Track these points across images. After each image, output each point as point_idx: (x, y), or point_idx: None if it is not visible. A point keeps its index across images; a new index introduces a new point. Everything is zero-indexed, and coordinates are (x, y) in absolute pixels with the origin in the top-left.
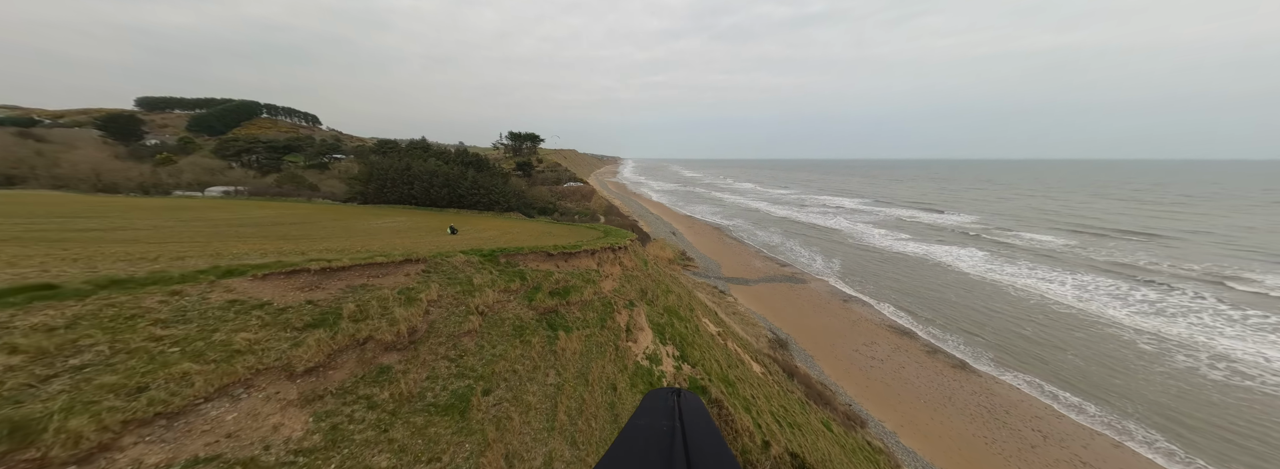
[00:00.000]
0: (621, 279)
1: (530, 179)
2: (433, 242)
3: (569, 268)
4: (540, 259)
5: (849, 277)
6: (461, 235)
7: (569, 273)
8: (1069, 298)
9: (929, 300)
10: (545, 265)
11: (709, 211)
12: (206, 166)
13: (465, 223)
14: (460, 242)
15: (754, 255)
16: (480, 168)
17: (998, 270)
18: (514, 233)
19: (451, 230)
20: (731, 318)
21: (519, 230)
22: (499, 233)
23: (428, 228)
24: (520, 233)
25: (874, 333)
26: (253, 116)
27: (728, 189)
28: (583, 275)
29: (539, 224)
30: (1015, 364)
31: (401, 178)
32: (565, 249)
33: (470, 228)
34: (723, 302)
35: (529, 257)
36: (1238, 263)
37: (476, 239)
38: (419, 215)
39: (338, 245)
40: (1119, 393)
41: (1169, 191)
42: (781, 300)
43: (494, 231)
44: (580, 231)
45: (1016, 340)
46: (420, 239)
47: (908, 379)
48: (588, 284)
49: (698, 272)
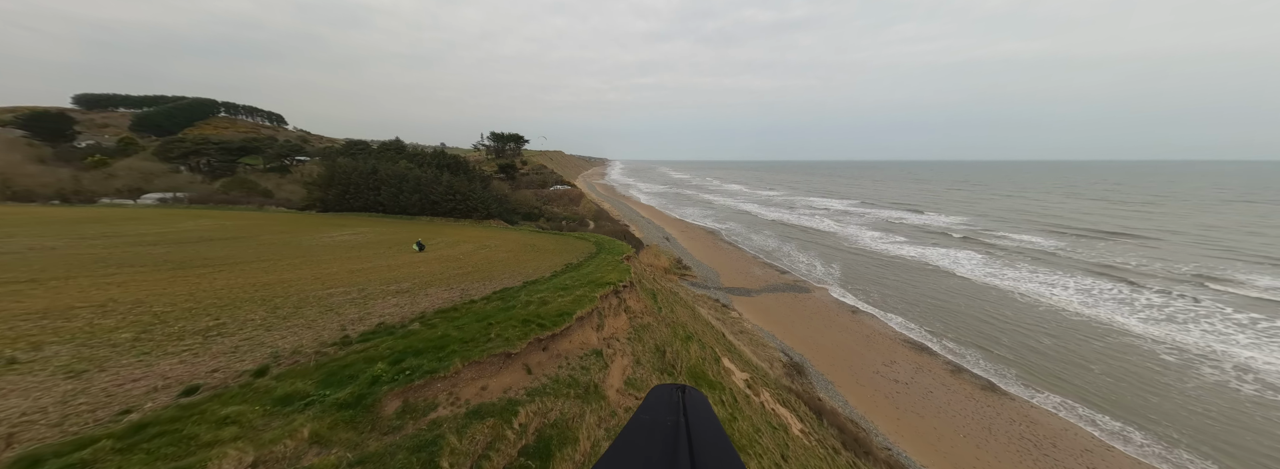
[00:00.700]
0: (631, 336)
1: (514, 182)
2: (390, 264)
3: (553, 369)
4: (495, 368)
5: (851, 284)
6: (429, 254)
7: (553, 384)
8: (1075, 304)
9: (937, 310)
10: (503, 380)
11: (700, 215)
12: (146, 171)
13: (438, 234)
14: (427, 262)
15: (752, 262)
16: (458, 171)
17: (998, 275)
18: (491, 247)
19: (418, 247)
20: (740, 338)
21: (497, 243)
22: (475, 246)
23: (392, 243)
24: (498, 247)
25: (891, 350)
26: (208, 115)
27: (716, 191)
28: (577, 380)
29: (522, 234)
30: (1043, 383)
31: (366, 182)
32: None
33: (442, 241)
34: (728, 318)
35: (466, 378)
36: (1221, 263)
37: (447, 256)
38: (385, 225)
39: (260, 277)
40: (1158, 415)
41: (1133, 191)
42: (788, 313)
43: (470, 245)
44: (568, 244)
45: (1036, 354)
46: (377, 259)
47: (939, 407)
48: (588, 404)
49: (696, 282)
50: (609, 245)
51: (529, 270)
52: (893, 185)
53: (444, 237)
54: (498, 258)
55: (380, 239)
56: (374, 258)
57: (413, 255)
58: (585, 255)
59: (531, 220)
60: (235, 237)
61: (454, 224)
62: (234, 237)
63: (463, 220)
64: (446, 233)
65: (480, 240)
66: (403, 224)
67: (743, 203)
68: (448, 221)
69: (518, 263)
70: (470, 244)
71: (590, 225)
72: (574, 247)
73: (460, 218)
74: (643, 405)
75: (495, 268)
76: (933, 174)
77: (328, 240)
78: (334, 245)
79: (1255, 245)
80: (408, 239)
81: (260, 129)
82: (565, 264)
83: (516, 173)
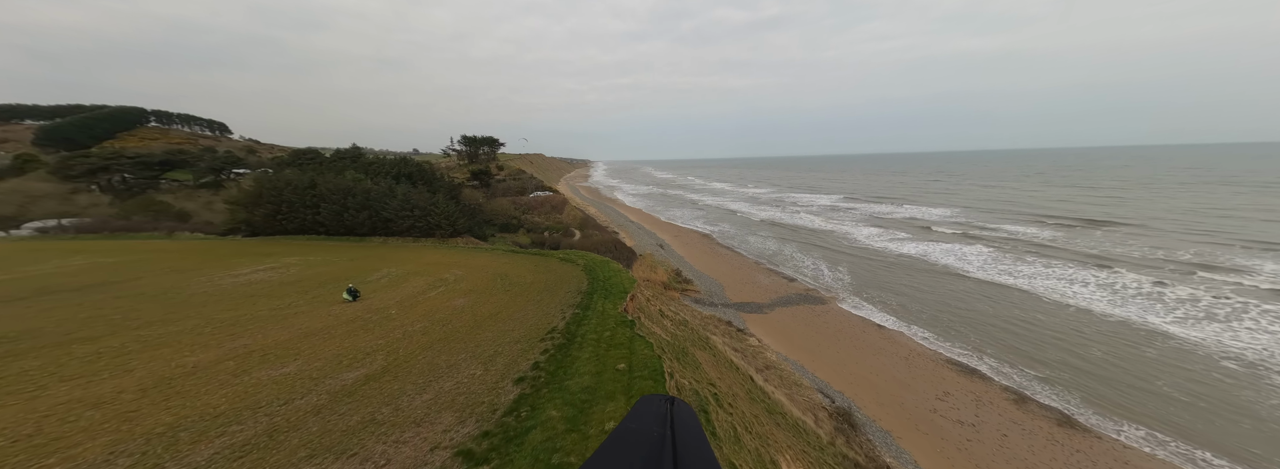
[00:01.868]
0: None
1: (489, 190)
2: (291, 334)
3: None
4: None
5: (865, 291)
6: (362, 304)
7: None
8: (1104, 304)
9: (966, 319)
10: None
11: (690, 216)
12: (34, 192)
13: (388, 262)
14: (344, 328)
15: (754, 269)
16: (421, 180)
17: (1011, 272)
18: (451, 282)
19: (350, 295)
20: (769, 377)
21: (460, 275)
22: (428, 283)
23: (321, 280)
24: (460, 283)
25: (937, 376)
26: (135, 126)
27: (702, 190)
28: None
29: (495, 255)
30: (1117, 409)
31: (302, 199)
32: None
33: (389, 274)
34: (747, 348)
35: None
36: (1215, 249)
37: (382, 307)
38: (322, 252)
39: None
40: (1264, 445)
41: (1095, 177)
42: (810, 333)
43: (422, 281)
44: (550, 269)
45: (1093, 371)
46: (286, 317)
47: (1023, 459)
48: None
49: (700, 298)
50: (601, 272)
51: (500, 336)
52: (872, 179)
53: (395, 265)
54: (452, 311)
55: (306, 276)
56: (288, 312)
57: (339, 308)
58: (575, 294)
59: (510, 232)
60: (103, 282)
61: (412, 245)
62: (101, 282)
63: (424, 240)
64: (399, 260)
65: (438, 271)
66: (347, 249)
67: (731, 202)
68: (405, 243)
69: (481, 320)
70: (423, 279)
71: (576, 235)
72: (559, 274)
73: (422, 237)
74: (630, 415)
75: (447, 335)
76: (906, 166)
77: (231, 282)
78: (234, 292)
79: (1232, 227)
80: (343, 274)
81: (198, 140)
82: (549, 328)
83: (492, 179)
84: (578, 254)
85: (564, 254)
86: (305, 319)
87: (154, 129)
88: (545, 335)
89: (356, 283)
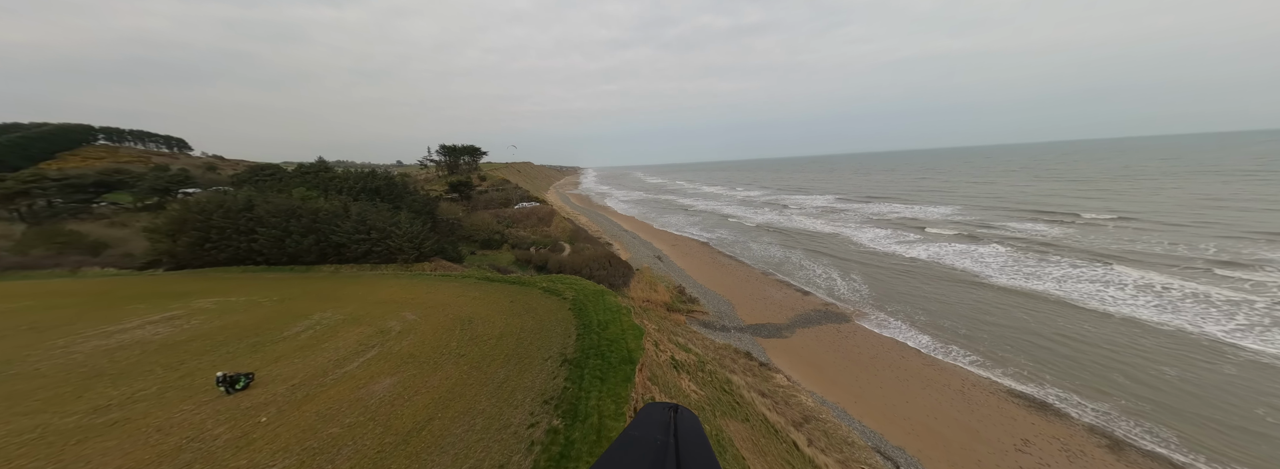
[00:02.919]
0: None
1: (469, 203)
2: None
3: None
4: None
5: (888, 304)
6: (245, 395)
7: None
8: (1150, 311)
9: (1006, 336)
10: None
11: (686, 223)
12: None
13: (330, 298)
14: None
15: (763, 281)
16: (388, 195)
17: (1036, 274)
18: (396, 335)
19: (224, 386)
20: (812, 433)
21: (410, 323)
22: (365, 336)
23: (217, 341)
24: (407, 335)
25: (1006, 416)
26: (80, 144)
27: (695, 194)
28: None
29: (465, 285)
30: (1223, 451)
31: (234, 224)
32: None
33: (319, 322)
34: (775, 390)
35: None
36: (1232, 243)
37: (277, 392)
38: (250, 291)
39: None
40: None
41: (1080, 170)
42: (842, 361)
43: (352, 338)
44: (530, 306)
45: (1176, 399)
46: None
47: None
48: None
49: (709, 320)
50: (595, 312)
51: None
52: (862, 177)
53: (334, 306)
54: (363, 411)
55: (208, 330)
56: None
57: (199, 406)
58: (558, 362)
59: (493, 248)
60: None
61: (367, 275)
62: None
63: (385, 267)
64: (342, 298)
65: (384, 315)
66: (284, 283)
67: (726, 206)
68: (360, 271)
69: (401, 437)
70: (357, 332)
71: (566, 250)
72: (540, 317)
73: (383, 263)
74: (633, 422)
75: None
76: (892, 164)
77: (94, 346)
78: (85, 365)
79: (1237, 219)
80: (260, 323)
81: (151, 157)
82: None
83: (473, 191)
84: (566, 282)
85: (550, 281)
86: (127, 436)
87: (102, 147)
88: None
89: (271, 337)
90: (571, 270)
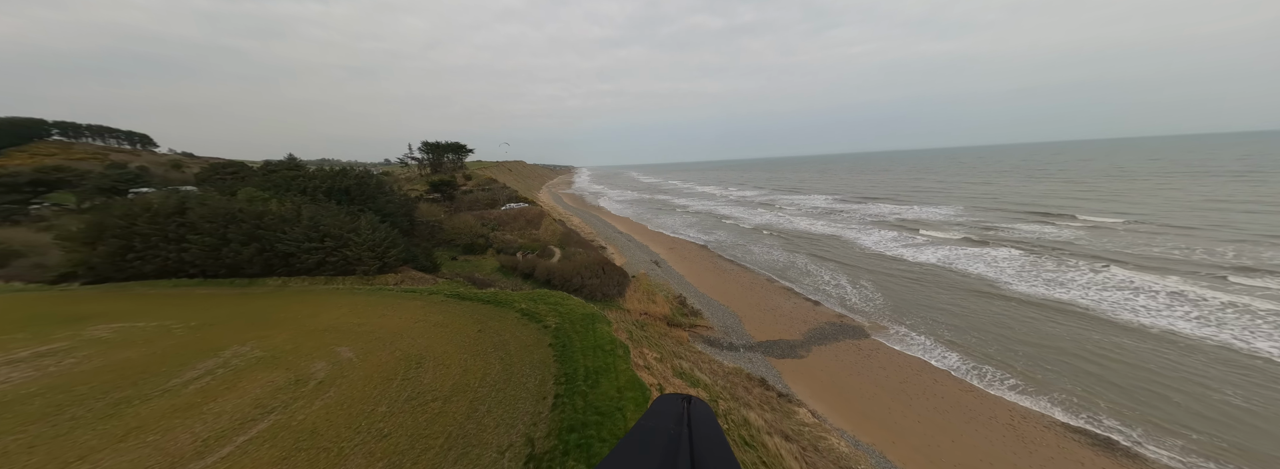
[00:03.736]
0: None
1: (452, 204)
2: None
3: None
4: None
5: (907, 317)
6: None
7: None
8: (1189, 324)
9: (1044, 355)
10: None
11: (683, 224)
12: None
13: (260, 324)
14: None
15: (770, 289)
16: (358, 196)
17: (1058, 282)
18: (301, 397)
19: None
20: None
21: (336, 370)
22: (257, 400)
23: (75, 394)
24: (318, 393)
25: (1072, 459)
26: (30, 140)
27: (690, 194)
28: None
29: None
30: None
31: (161, 230)
32: None
33: (244, 355)
34: (801, 431)
35: None
36: (1257, 249)
37: None
38: (168, 313)
39: None
40: None
41: (1070, 170)
42: (869, 388)
43: (253, 392)
44: (504, 339)
45: (1248, 433)
46: None
47: None
48: None
49: (715, 337)
50: (581, 354)
51: None
52: (858, 177)
53: (261, 335)
54: None
55: (88, 373)
56: None
57: None
58: (523, 447)
59: (477, 253)
60: None
61: (319, 290)
62: None
63: (342, 279)
64: (277, 322)
65: (308, 357)
66: (213, 303)
67: (722, 207)
68: (312, 285)
69: None
70: (273, 378)
71: (556, 256)
72: (511, 357)
73: (340, 275)
74: (647, 413)
75: None
76: (886, 164)
77: None
78: None
79: (1238, 220)
80: (160, 360)
81: (109, 154)
82: None
83: (456, 192)
84: (550, 301)
85: (530, 301)
86: None
87: (55, 143)
88: None
89: (152, 387)
90: (561, 279)
